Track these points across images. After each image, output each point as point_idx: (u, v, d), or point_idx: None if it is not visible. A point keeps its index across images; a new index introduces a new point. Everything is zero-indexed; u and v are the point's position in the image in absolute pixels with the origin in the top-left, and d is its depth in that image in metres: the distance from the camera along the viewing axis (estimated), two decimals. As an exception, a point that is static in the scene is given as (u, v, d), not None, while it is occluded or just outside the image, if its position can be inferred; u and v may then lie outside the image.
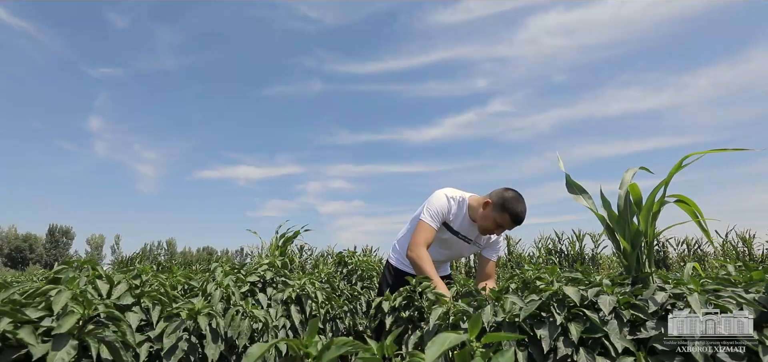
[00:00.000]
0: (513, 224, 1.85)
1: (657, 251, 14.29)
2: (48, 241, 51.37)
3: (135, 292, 1.34)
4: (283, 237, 4.74)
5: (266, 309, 1.73)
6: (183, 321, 1.29)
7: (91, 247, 54.29)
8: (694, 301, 1.04)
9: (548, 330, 1.20)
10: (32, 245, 49.43)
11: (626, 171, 1.59)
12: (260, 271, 1.94)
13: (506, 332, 1.24)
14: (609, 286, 1.27)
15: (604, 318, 1.18)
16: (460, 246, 2.08)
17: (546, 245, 15.56)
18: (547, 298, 1.28)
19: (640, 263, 1.41)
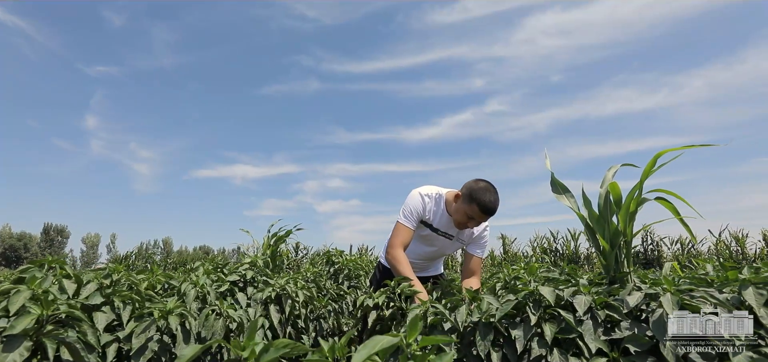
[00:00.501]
0: (482, 215, 1.81)
1: (652, 250, 14.36)
2: (43, 240, 51.04)
3: (105, 292, 1.31)
4: (275, 237, 4.75)
5: (245, 309, 1.71)
6: (154, 321, 1.26)
7: (86, 246, 54.01)
8: (666, 301, 1.03)
9: (523, 331, 1.18)
10: (27, 244, 49.10)
11: (608, 169, 1.58)
12: (241, 271, 1.92)
13: (481, 333, 1.23)
14: (586, 286, 1.25)
15: (579, 319, 1.17)
16: (442, 243, 2.07)
17: (541, 244, 15.60)
18: (523, 298, 1.26)
19: (619, 262, 1.39)
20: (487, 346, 1.19)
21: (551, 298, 1.19)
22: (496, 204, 1.81)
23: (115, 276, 1.37)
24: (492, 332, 1.22)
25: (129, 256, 15.00)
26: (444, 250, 2.14)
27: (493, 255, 15.46)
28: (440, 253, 2.18)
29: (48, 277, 1.18)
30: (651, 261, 13.66)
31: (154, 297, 1.57)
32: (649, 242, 14.03)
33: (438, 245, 2.09)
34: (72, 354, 0.98)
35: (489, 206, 1.79)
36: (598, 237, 1.43)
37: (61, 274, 1.23)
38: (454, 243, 2.08)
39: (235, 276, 1.88)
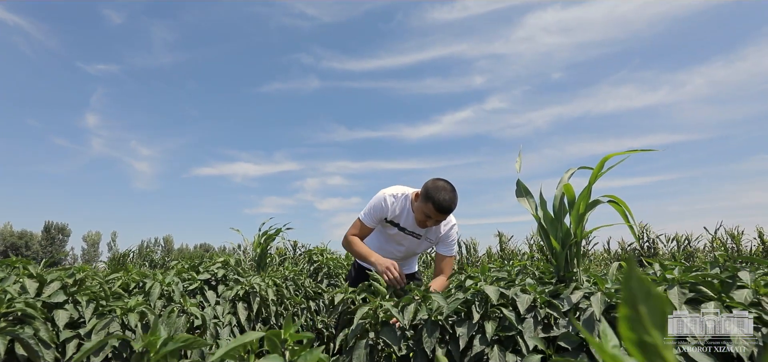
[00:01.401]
0: (438, 213, 1.84)
1: (647, 247, 14.40)
2: (44, 239, 51.24)
3: (70, 290, 1.36)
4: (265, 235, 4.82)
5: (213, 306, 1.76)
6: (114, 318, 1.31)
7: (87, 244, 54.20)
8: (596, 301, 1.07)
9: (467, 328, 1.23)
10: (28, 242, 49.31)
11: (565, 172, 1.62)
12: (213, 270, 1.96)
13: (428, 330, 1.27)
14: (532, 285, 1.30)
15: (522, 317, 1.21)
16: (410, 241, 2.11)
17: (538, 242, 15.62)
18: (471, 297, 1.30)
19: (569, 262, 1.43)
20: (433, 343, 1.24)
21: (494, 297, 1.23)
22: (450, 203, 1.84)
23: (78, 275, 1.41)
24: (438, 329, 1.26)
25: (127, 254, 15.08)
26: (413, 249, 2.17)
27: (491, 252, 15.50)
28: (410, 252, 2.21)
29: (10, 276, 1.23)
30: (645, 259, 13.65)
31: (124, 296, 1.62)
32: (644, 239, 14.08)
33: (406, 244, 2.13)
34: (26, 350, 1.02)
35: (443, 205, 1.82)
36: (551, 237, 1.47)
37: (23, 274, 1.28)
38: (423, 242, 2.12)
39: (207, 274, 1.92)
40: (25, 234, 49.78)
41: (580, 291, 1.21)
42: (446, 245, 2.10)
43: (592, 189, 1.39)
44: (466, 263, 15.07)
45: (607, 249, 15.02)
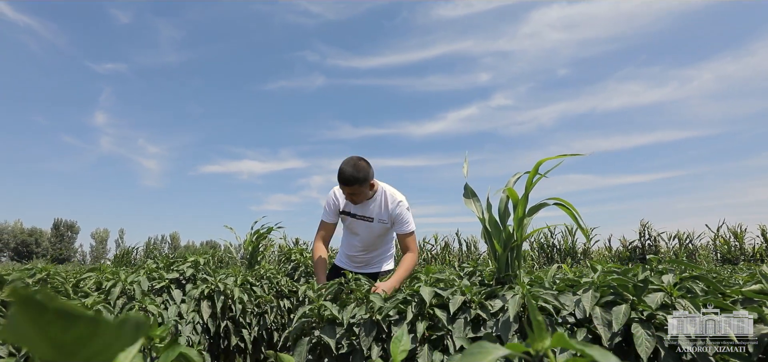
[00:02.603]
0: (342, 186, 2.06)
1: (649, 245, 14.27)
2: (53, 236, 52.09)
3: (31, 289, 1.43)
4: (257, 233, 4.91)
5: (178, 305, 1.83)
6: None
7: (95, 241, 54.97)
8: (513, 303, 1.11)
9: (402, 328, 1.28)
10: (38, 239, 50.15)
11: (512, 176, 1.66)
12: (181, 269, 2.03)
13: (366, 329, 1.32)
14: (468, 287, 1.34)
15: (454, 317, 1.26)
16: (364, 227, 2.23)
17: (538, 240, 15.51)
18: (409, 297, 1.35)
19: (510, 264, 1.48)
20: (369, 341, 1.29)
21: (428, 298, 1.28)
22: (346, 174, 2.03)
23: (40, 275, 1.49)
24: (375, 328, 1.31)
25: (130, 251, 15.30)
26: (370, 235, 2.24)
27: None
28: (368, 240, 2.27)
29: (-29, 276, 1.31)
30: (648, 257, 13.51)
31: (91, 294, 1.69)
32: (646, 237, 13.97)
33: (361, 230, 2.25)
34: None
35: (341, 177, 2.03)
36: (494, 240, 1.52)
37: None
38: (376, 225, 2.21)
39: (175, 274, 1.99)
40: (35, 231, 50.63)
41: (508, 294, 1.25)
42: (400, 224, 2.18)
43: (529, 194, 1.44)
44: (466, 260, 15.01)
45: (608, 247, 14.93)
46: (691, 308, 1.02)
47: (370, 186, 2.12)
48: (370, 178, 2.10)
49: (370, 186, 2.12)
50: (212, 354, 1.96)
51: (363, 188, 2.07)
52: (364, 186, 2.07)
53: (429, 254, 15.03)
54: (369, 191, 2.13)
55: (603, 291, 1.17)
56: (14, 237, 49.04)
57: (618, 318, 1.02)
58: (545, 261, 14.51)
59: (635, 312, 1.05)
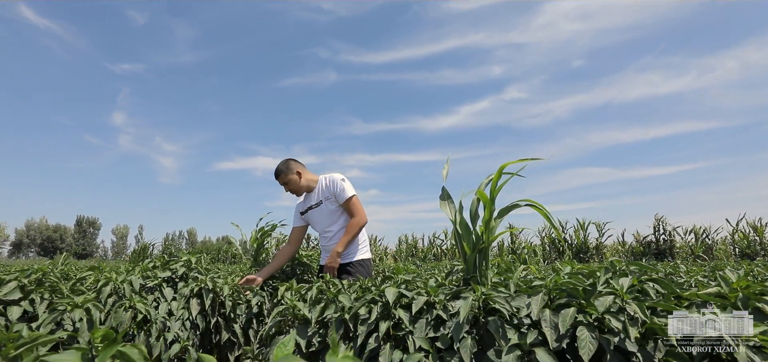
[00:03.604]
0: (277, 181, 2.63)
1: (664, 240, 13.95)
2: (76, 232, 53.94)
3: (28, 288, 1.54)
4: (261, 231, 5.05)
5: (169, 302, 1.92)
6: (62, 313, 1.48)
7: (116, 237, 56.69)
8: (465, 306, 1.15)
9: (366, 327, 1.33)
10: (62, 235, 52.01)
11: (485, 178, 1.69)
12: (174, 268, 2.13)
13: (335, 326, 1.38)
14: (433, 288, 1.38)
15: (415, 318, 1.31)
16: (317, 213, 2.59)
17: (549, 235, 15.35)
18: (378, 297, 1.41)
19: (477, 265, 1.51)
20: (337, 339, 1.35)
21: (391, 298, 1.33)
22: (275, 170, 2.62)
23: (36, 275, 1.59)
24: (343, 326, 1.37)
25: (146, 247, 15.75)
26: (322, 217, 2.58)
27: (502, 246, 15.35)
28: (323, 223, 2.59)
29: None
30: (663, 252, 13.28)
31: (86, 292, 1.79)
32: (661, 231, 13.68)
33: (316, 218, 2.61)
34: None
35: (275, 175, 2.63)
36: (463, 242, 1.55)
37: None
38: (324, 205, 2.56)
39: (168, 273, 2.09)
40: (59, 227, 52.50)
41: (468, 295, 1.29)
42: (341, 194, 2.51)
43: (496, 197, 1.46)
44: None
45: (621, 241, 14.68)
46: (637, 311, 1.05)
47: (298, 174, 2.58)
48: (292, 168, 2.59)
49: (298, 174, 2.58)
50: (204, 349, 2.05)
51: (289, 176, 2.57)
52: (289, 174, 2.57)
53: (439, 250, 15.02)
54: (299, 178, 2.58)
55: (560, 295, 1.20)
56: (40, 234, 50.97)
57: (564, 321, 1.05)
58: (557, 256, 14.36)
59: (583, 316, 1.07)
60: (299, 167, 2.63)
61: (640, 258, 13.08)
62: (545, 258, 14.89)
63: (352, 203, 2.48)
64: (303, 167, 2.66)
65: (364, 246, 2.52)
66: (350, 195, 2.48)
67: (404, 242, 15.94)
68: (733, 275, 1.24)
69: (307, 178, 2.62)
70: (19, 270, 1.59)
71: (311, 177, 2.65)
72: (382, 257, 16.58)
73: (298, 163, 2.64)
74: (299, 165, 2.64)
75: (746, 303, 1.13)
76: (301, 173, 2.60)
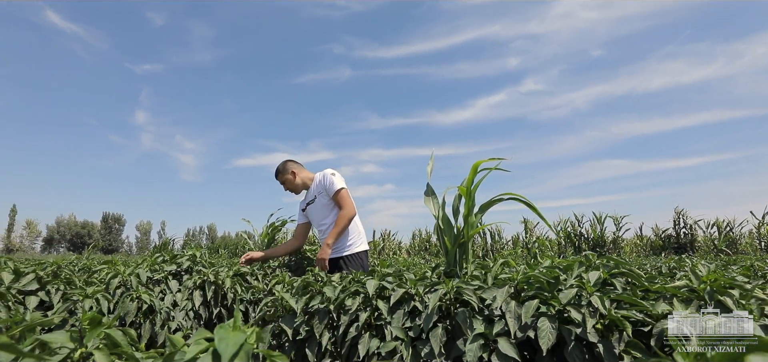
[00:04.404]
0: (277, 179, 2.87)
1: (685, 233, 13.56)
2: (103, 228, 56.08)
3: (44, 279, 1.68)
4: (272, 226, 5.21)
5: (174, 294, 2.05)
6: (75, 302, 1.61)
7: (140, 233, 58.62)
8: (434, 298, 1.21)
9: (348, 317, 1.41)
10: (90, 231, 54.16)
11: (470, 171, 1.73)
12: (179, 261, 2.26)
13: (319, 317, 1.46)
14: (412, 281, 1.45)
15: (396, 309, 1.38)
16: (313, 209, 2.74)
17: (565, 229, 15.10)
18: (360, 288, 1.48)
19: (457, 260, 1.57)
20: (321, 329, 1.43)
21: (371, 290, 1.40)
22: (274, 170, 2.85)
23: (51, 268, 1.73)
24: (327, 316, 1.45)
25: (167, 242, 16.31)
26: (317, 212, 2.71)
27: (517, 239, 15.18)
28: (318, 217, 2.72)
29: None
30: (683, 246, 12.90)
31: (97, 284, 1.93)
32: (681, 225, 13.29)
33: (313, 213, 2.75)
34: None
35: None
36: (445, 237, 1.61)
37: (3, 267, 1.61)
38: (318, 201, 2.70)
39: (174, 266, 2.22)
40: (87, 224, 54.68)
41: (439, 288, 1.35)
42: (330, 187, 2.64)
43: (473, 193, 1.51)
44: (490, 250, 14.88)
45: (639, 235, 14.33)
46: (598, 304, 1.09)
47: (293, 174, 2.77)
48: (288, 168, 2.79)
49: (293, 174, 2.77)
50: (208, 339, 2.18)
51: (285, 176, 2.79)
52: (285, 174, 2.79)
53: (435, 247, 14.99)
54: (297, 179, 2.77)
55: (530, 288, 1.24)
56: (69, 230, 53.21)
57: (527, 312, 1.10)
58: (573, 250, 14.13)
59: (546, 307, 1.12)
60: (294, 167, 2.80)
61: (659, 252, 12.75)
62: (561, 252, 14.68)
63: (340, 196, 2.60)
64: (298, 166, 2.82)
65: (357, 239, 2.60)
66: (338, 188, 2.61)
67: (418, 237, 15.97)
68: (705, 269, 1.26)
69: (303, 176, 2.79)
70: (36, 263, 1.73)
71: (307, 175, 2.81)
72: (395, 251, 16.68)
73: (294, 163, 2.83)
74: (295, 165, 2.82)
75: (712, 297, 1.15)
76: (296, 172, 2.78)
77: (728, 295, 1.11)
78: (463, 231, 1.54)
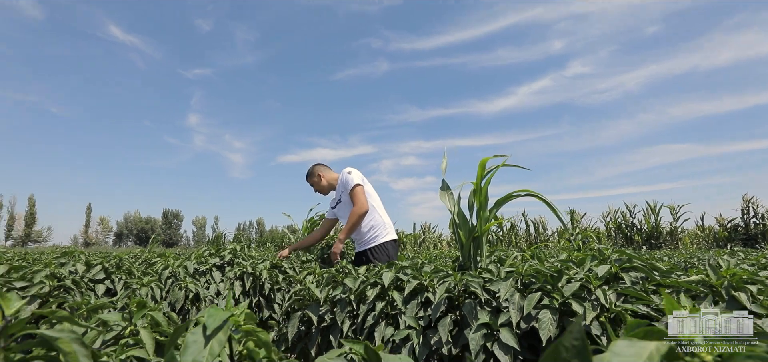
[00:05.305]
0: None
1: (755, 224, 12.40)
2: (163, 223, 60.83)
3: (110, 270, 1.94)
4: (311, 220, 5.51)
5: (217, 284, 2.27)
6: (135, 290, 1.86)
7: (196, 227, 62.88)
8: (440, 289, 1.28)
9: (366, 306, 1.51)
10: (153, 226, 58.98)
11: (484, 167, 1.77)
12: (222, 255, 2.48)
13: (340, 306, 1.58)
14: (426, 273, 1.52)
15: (410, 299, 1.46)
16: (339, 208, 2.92)
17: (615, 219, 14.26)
18: (378, 280, 1.58)
19: (471, 254, 1.61)
20: (342, 317, 1.55)
21: (387, 282, 1.49)
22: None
23: (114, 260, 2.00)
24: (348, 306, 1.57)
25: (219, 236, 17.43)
26: (343, 212, 2.90)
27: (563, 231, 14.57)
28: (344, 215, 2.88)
29: (69, 262, 1.84)
30: (754, 237, 11.79)
31: (152, 274, 2.19)
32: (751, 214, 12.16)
33: (340, 213, 2.94)
34: (70, 312, 1.58)
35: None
36: (460, 232, 1.66)
37: (77, 260, 1.88)
38: (343, 201, 2.87)
39: (217, 259, 2.45)
40: (150, 219, 59.57)
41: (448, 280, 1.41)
42: (346, 186, 2.82)
43: (486, 190, 1.55)
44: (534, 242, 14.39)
45: (700, 225, 13.22)
46: (600, 297, 1.11)
47: (319, 176, 2.99)
48: (314, 171, 3.01)
49: (319, 176, 2.99)
50: (249, 325, 2.39)
51: (312, 179, 3.03)
52: (312, 177, 3.03)
53: (494, 236, 14.66)
54: (322, 181, 2.98)
55: (537, 280, 1.28)
56: (135, 225, 58.26)
57: (530, 304, 1.14)
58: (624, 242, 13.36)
59: (549, 300, 1.16)
60: (321, 170, 3.01)
61: (723, 244, 11.70)
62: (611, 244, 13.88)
63: (354, 193, 2.75)
64: (325, 169, 3.03)
65: (383, 230, 2.71)
66: (353, 186, 2.75)
67: (457, 229, 15.73)
68: (725, 263, 1.23)
69: (328, 178, 3.00)
70: (102, 256, 2.01)
71: (333, 176, 3.00)
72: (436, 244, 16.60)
73: (321, 166, 3.06)
74: (322, 167, 3.03)
75: (729, 293, 1.13)
76: (322, 175, 2.99)
77: (744, 291, 1.09)
78: (477, 226, 1.59)
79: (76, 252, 2.00)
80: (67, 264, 1.84)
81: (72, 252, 2.00)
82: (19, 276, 1.52)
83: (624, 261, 1.29)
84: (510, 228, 15.30)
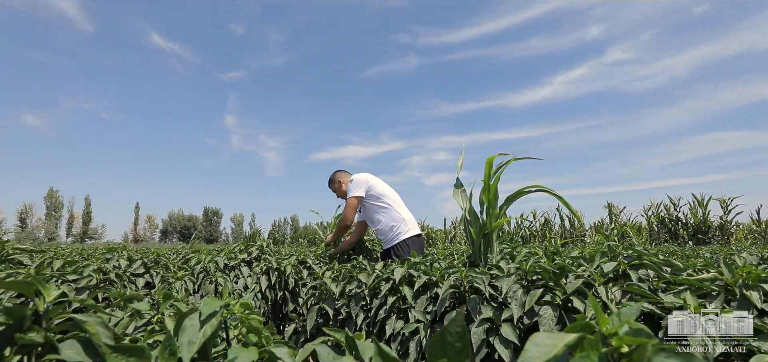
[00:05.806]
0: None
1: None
2: (204, 220, 63.93)
3: (149, 265, 2.13)
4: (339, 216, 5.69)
5: (246, 278, 2.42)
6: (172, 283, 2.03)
7: (234, 224, 65.57)
8: (446, 284, 1.32)
9: (378, 300, 1.58)
10: (194, 223, 62.12)
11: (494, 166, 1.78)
12: (249, 251, 2.64)
13: (355, 300, 1.66)
14: (437, 268, 1.57)
15: (420, 294, 1.51)
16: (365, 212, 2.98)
17: (657, 213, 13.52)
18: (390, 275, 1.64)
19: (482, 250, 1.64)
20: (356, 310, 1.62)
21: (397, 277, 1.55)
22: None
23: (153, 256, 2.18)
24: (362, 300, 1.64)
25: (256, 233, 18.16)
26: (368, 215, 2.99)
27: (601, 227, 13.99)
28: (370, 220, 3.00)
29: (113, 257, 2.03)
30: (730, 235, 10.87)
31: (187, 269, 2.36)
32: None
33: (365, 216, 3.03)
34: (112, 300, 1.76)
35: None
36: (470, 229, 1.69)
37: (120, 255, 2.08)
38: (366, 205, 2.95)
39: (245, 255, 2.60)
40: (192, 217, 62.79)
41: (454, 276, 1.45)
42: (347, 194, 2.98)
43: (495, 187, 1.57)
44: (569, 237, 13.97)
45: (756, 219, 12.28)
46: (602, 294, 1.11)
47: (339, 183, 3.10)
48: (335, 178, 3.14)
49: (339, 183, 3.10)
50: (275, 318, 2.53)
51: (334, 186, 3.16)
52: (334, 184, 3.15)
53: (527, 231, 14.30)
54: (343, 187, 3.08)
55: (543, 276, 1.29)
56: (179, 222, 61.61)
57: (531, 300, 1.16)
58: (667, 237, 12.64)
59: (551, 296, 1.17)
60: (341, 176, 3.12)
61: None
62: (653, 239, 13.18)
63: (346, 202, 2.89)
64: (345, 175, 3.13)
65: (403, 228, 2.80)
66: (348, 197, 2.88)
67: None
68: (741, 261, 1.19)
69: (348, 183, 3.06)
70: (142, 252, 2.20)
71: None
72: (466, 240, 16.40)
73: (342, 173, 3.16)
74: (342, 174, 3.14)
75: (742, 291, 1.09)
76: (342, 181, 3.10)
77: (757, 289, 1.05)
78: (488, 223, 1.61)
79: (119, 249, 2.20)
80: (112, 259, 2.04)
81: (115, 249, 2.21)
82: (72, 270, 1.71)
83: (633, 259, 1.27)
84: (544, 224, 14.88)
